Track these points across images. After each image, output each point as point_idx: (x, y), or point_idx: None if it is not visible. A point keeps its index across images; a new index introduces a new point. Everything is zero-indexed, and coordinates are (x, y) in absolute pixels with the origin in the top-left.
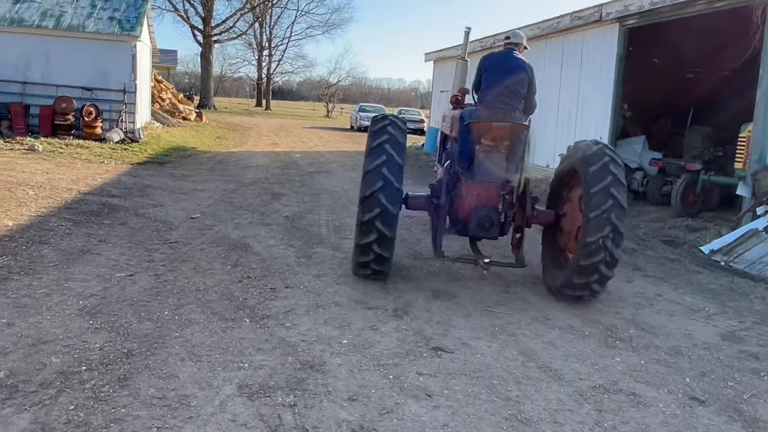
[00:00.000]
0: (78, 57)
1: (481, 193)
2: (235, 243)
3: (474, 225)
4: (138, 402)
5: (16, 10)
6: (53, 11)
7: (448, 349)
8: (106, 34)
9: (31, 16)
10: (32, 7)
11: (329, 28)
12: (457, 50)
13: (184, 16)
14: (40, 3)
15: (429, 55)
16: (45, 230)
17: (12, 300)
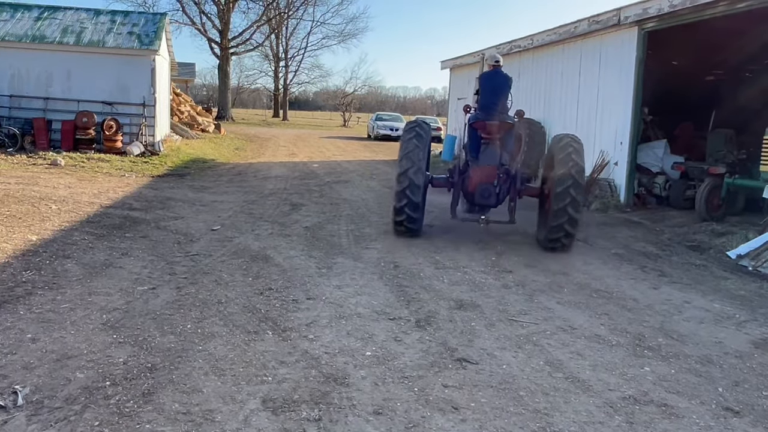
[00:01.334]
0: (98, 72)
1: (482, 173)
2: (256, 254)
3: (478, 195)
4: (162, 417)
5: (38, 27)
6: (74, 28)
7: (473, 360)
8: (126, 49)
9: (52, 33)
10: (53, 24)
11: (345, 38)
12: (474, 57)
13: (202, 29)
14: (61, 20)
15: (445, 62)
16: (68, 244)
17: (36, 315)
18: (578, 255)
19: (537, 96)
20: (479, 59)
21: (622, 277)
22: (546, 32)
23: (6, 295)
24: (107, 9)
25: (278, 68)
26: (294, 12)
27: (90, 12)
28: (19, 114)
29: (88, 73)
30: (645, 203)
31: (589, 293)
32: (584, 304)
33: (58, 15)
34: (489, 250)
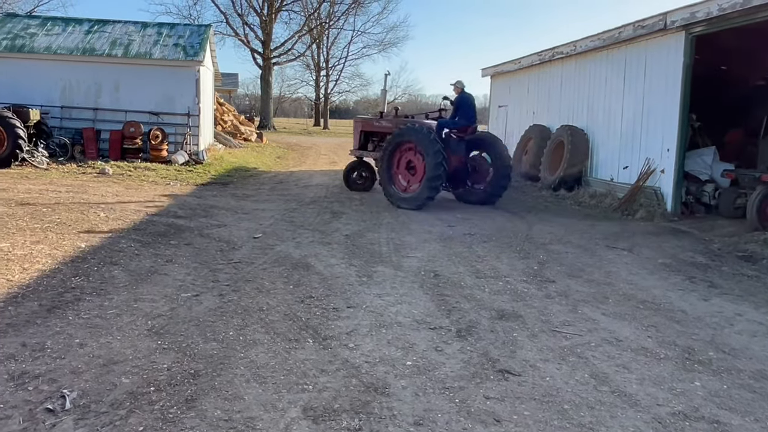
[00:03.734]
0: (145, 83)
1: (457, 160)
2: (297, 262)
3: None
4: (205, 424)
5: (88, 40)
6: (122, 40)
7: (515, 372)
8: (172, 60)
9: (101, 46)
10: (103, 36)
11: (385, 46)
12: (515, 64)
13: (245, 40)
14: (110, 33)
15: (486, 70)
16: (115, 251)
17: (84, 320)
18: (623, 265)
19: (580, 103)
20: (520, 66)
21: (669, 288)
22: (589, 38)
23: (56, 301)
24: (154, 22)
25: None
26: (335, 22)
27: (138, 25)
28: (69, 124)
29: (136, 84)
30: (693, 212)
31: (635, 304)
32: (630, 315)
33: (107, 28)
34: (531, 259)
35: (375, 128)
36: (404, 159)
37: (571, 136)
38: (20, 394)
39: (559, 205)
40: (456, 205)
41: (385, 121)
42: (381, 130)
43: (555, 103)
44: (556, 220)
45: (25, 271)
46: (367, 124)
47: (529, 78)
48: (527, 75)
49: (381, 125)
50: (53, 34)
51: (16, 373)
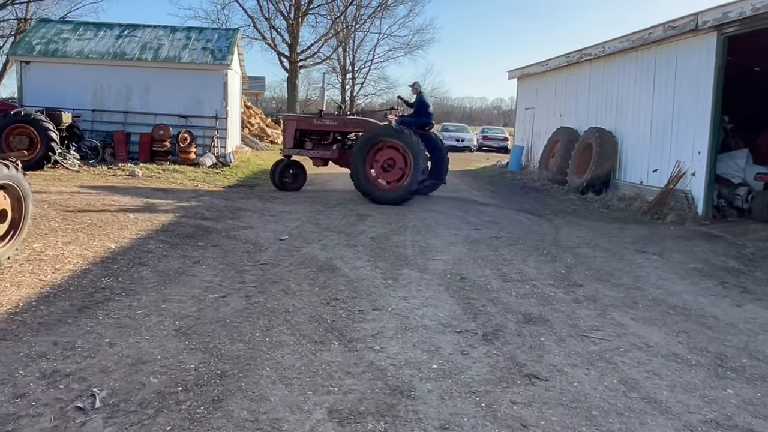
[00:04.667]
0: (174, 86)
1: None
2: (323, 264)
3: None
4: (231, 425)
5: (119, 44)
6: (152, 44)
7: (542, 377)
8: (200, 63)
9: (132, 50)
10: (133, 41)
11: (411, 49)
12: (543, 66)
13: (272, 43)
14: (140, 37)
15: (512, 72)
16: (144, 252)
17: (114, 320)
18: (653, 269)
19: (608, 105)
20: (548, 68)
21: (701, 293)
22: (618, 39)
23: (86, 301)
24: (183, 26)
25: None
26: (361, 25)
27: (167, 29)
28: (100, 127)
29: (165, 87)
30: (725, 216)
31: (666, 309)
32: (660, 320)
33: (137, 33)
34: (558, 263)
35: (315, 127)
36: (381, 157)
37: (600, 139)
38: (51, 392)
39: (587, 208)
40: (483, 207)
41: (329, 120)
42: (322, 129)
43: (583, 105)
44: (584, 223)
45: (57, 272)
46: (304, 122)
47: (556, 80)
48: (554, 77)
49: (323, 123)
50: (85, 38)
51: (48, 371)
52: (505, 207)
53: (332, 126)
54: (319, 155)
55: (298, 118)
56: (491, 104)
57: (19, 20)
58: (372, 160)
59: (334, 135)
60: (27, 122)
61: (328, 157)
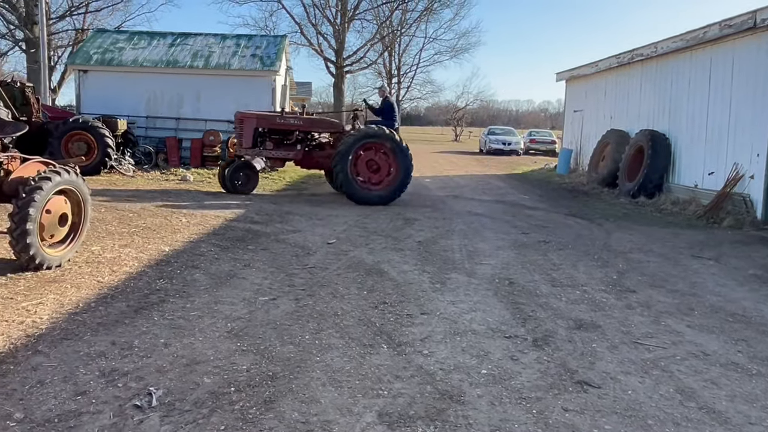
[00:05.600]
0: (224, 93)
1: None
2: (370, 268)
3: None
4: (283, 426)
5: (171, 53)
6: (203, 52)
7: (594, 384)
8: (249, 70)
9: (184, 58)
10: (185, 49)
11: (457, 52)
12: (592, 68)
13: (318, 49)
14: (191, 45)
15: (561, 74)
16: (196, 255)
17: (169, 321)
18: (709, 275)
19: (661, 107)
20: (597, 69)
21: (761, 300)
22: (671, 39)
23: (142, 302)
24: (233, 34)
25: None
26: (407, 29)
27: (217, 37)
28: (153, 133)
29: (215, 93)
30: None
31: (724, 317)
32: (718, 328)
33: (189, 41)
34: (609, 268)
35: (277, 125)
36: (363, 158)
37: (652, 141)
38: (110, 390)
39: (639, 212)
40: (531, 211)
41: (293, 119)
42: (285, 128)
43: (634, 106)
44: (636, 227)
45: (114, 273)
46: (264, 120)
47: (606, 81)
48: (604, 78)
49: (287, 122)
50: (139, 47)
51: (107, 370)
52: (554, 211)
53: (296, 125)
54: (282, 156)
55: (258, 116)
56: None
57: (77, 31)
58: (355, 162)
59: (297, 135)
60: (85, 129)
61: (291, 158)
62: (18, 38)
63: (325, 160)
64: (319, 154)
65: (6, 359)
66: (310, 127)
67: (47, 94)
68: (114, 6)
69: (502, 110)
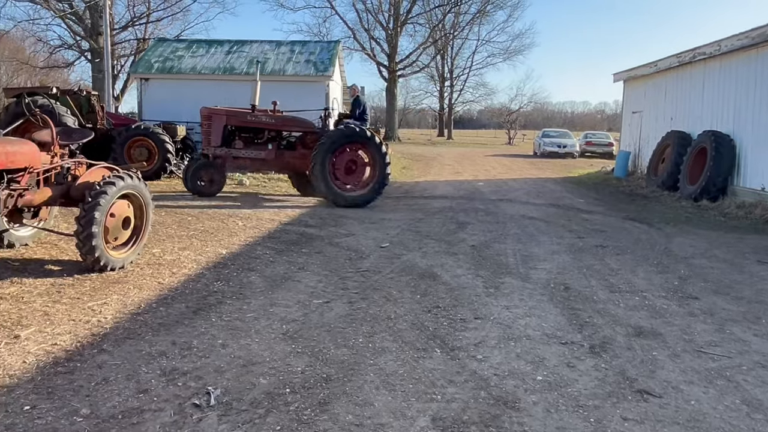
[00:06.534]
0: (279, 98)
1: None
2: (423, 272)
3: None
4: (337, 428)
5: (228, 60)
6: (258, 58)
7: (655, 393)
8: (303, 75)
9: (240, 65)
10: (241, 56)
11: (510, 55)
12: (651, 68)
13: (371, 54)
14: (247, 52)
15: (618, 74)
16: (252, 258)
17: (226, 322)
18: None
19: (725, 107)
20: (657, 69)
21: None
22: (736, 36)
23: (201, 303)
24: (287, 40)
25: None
26: (459, 32)
27: (272, 44)
28: None
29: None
30: None
31: None
32: None
33: (245, 48)
34: (670, 273)
35: (248, 123)
36: (342, 159)
37: (715, 143)
38: (171, 389)
39: (701, 216)
40: (587, 215)
41: (265, 117)
42: (257, 126)
43: (696, 107)
44: (699, 232)
45: (174, 275)
46: (235, 117)
47: (666, 81)
48: (664, 78)
49: (258, 120)
50: (198, 55)
51: (167, 369)
52: (611, 215)
53: (268, 123)
54: (253, 155)
55: (227, 113)
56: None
57: (139, 40)
58: (333, 163)
59: (269, 134)
60: (146, 135)
61: (263, 158)
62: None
63: (296, 161)
64: (291, 154)
65: (73, 357)
66: (281, 125)
67: (111, 101)
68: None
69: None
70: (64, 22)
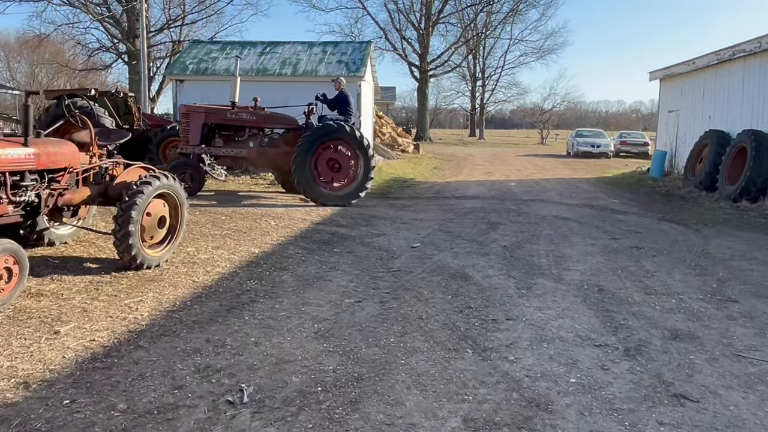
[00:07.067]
0: (311, 98)
1: None
2: (455, 272)
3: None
4: (368, 427)
5: (261, 61)
6: (291, 60)
7: (692, 398)
8: (335, 76)
9: (273, 66)
10: (274, 57)
11: (543, 53)
12: (688, 66)
13: (403, 54)
14: (280, 53)
15: (654, 73)
16: (284, 257)
17: (259, 321)
18: None
19: (765, 105)
20: (695, 67)
21: None
22: None
23: (234, 302)
24: (319, 41)
25: (475, 88)
26: (492, 31)
27: (305, 45)
28: None
29: (303, 99)
30: None
31: None
32: None
33: (278, 49)
34: (708, 276)
35: (228, 120)
36: (323, 157)
37: (755, 142)
38: (205, 386)
39: (741, 217)
40: (621, 216)
41: (245, 114)
42: (237, 123)
43: (735, 106)
44: (738, 233)
45: (208, 274)
46: (214, 114)
47: (704, 80)
48: (702, 76)
49: (238, 117)
50: (231, 57)
51: (201, 366)
52: (647, 215)
53: (249, 120)
54: (234, 153)
55: (206, 110)
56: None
57: (174, 42)
58: (315, 161)
59: (250, 131)
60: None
61: (244, 156)
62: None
63: (279, 158)
64: (274, 151)
65: (111, 352)
66: (263, 122)
67: (147, 103)
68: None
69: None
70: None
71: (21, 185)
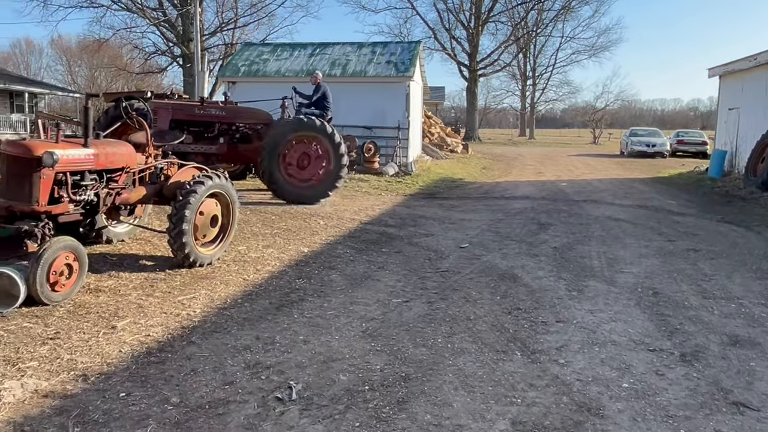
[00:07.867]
0: (360, 99)
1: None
2: (503, 273)
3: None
4: (415, 427)
5: (311, 62)
6: (340, 60)
7: (752, 406)
8: (384, 76)
9: (322, 67)
10: (323, 58)
11: (596, 51)
12: (751, 62)
13: (452, 53)
14: (329, 54)
15: (714, 69)
16: (333, 257)
17: (307, 319)
18: None
19: None
20: (757, 63)
21: None
22: None
23: (283, 300)
24: (368, 42)
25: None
26: (543, 29)
27: (354, 45)
28: None
29: (352, 100)
30: None
31: None
32: None
33: (327, 50)
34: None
35: (197, 117)
36: (294, 153)
37: None
38: (254, 382)
39: None
40: (678, 217)
41: (215, 109)
42: (206, 119)
43: None
44: None
45: (258, 272)
46: (181, 111)
47: (767, 76)
48: (765, 72)
49: (208, 113)
50: (282, 58)
51: (251, 362)
52: (705, 217)
53: (218, 116)
54: (203, 150)
55: (173, 106)
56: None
57: (227, 45)
58: (284, 157)
59: (220, 127)
60: None
61: (214, 152)
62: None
63: (252, 154)
64: (246, 147)
65: (165, 348)
66: (233, 118)
67: None
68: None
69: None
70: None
71: (81, 184)
